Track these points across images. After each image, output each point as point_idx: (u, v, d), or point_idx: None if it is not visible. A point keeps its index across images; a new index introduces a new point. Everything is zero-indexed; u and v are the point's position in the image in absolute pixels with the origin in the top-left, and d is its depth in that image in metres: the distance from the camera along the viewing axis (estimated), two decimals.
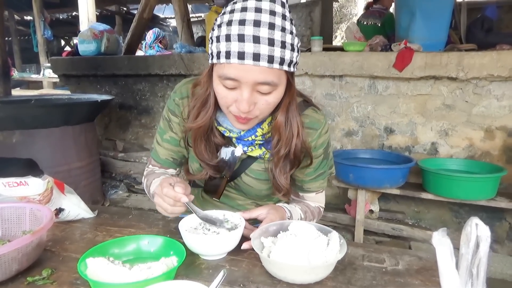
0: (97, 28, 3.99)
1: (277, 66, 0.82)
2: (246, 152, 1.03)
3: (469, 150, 2.67)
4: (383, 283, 0.80)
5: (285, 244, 0.82)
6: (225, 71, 0.83)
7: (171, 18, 10.74)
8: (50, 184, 0.99)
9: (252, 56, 0.80)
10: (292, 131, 0.96)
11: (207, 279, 0.79)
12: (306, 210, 1.12)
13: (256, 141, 1.01)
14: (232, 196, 1.17)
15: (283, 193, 1.05)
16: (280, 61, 0.82)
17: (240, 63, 0.80)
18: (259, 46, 0.79)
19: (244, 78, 0.82)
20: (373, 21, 4.27)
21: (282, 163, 1.01)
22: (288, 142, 0.96)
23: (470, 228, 0.52)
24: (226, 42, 0.81)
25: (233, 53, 0.80)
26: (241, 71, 0.81)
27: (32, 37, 8.93)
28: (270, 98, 0.87)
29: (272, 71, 0.82)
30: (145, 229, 1.05)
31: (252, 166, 1.07)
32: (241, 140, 1.02)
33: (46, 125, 2.74)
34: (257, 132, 0.99)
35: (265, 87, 0.84)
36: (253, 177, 1.08)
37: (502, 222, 2.65)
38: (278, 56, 0.81)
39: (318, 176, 1.12)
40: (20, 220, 0.93)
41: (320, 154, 1.08)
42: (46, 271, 0.81)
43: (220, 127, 1.00)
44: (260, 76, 0.82)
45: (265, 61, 0.80)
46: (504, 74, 2.40)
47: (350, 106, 2.93)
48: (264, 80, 0.83)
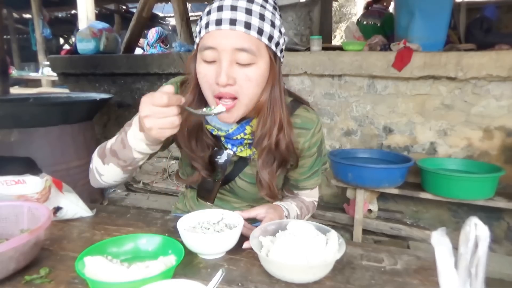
0: (96, 27, 3.98)
1: (255, 35, 0.84)
2: (235, 152, 1.02)
3: (468, 150, 2.68)
4: (381, 282, 0.80)
5: (284, 243, 0.82)
6: (204, 41, 0.85)
7: (170, 17, 10.73)
8: (48, 183, 0.98)
9: (228, 21, 0.82)
10: (274, 117, 0.93)
11: (205, 278, 0.78)
12: (302, 206, 1.13)
13: (245, 140, 1.00)
14: (227, 199, 1.16)
15: (266, 192, 1.01)
16: (258, 30, 0.84)
17: (217, 28, 0.83)
18: (236, 13, 0.82)
19: (221, 45, 0.83)
20: (372, 21, 4.27)
21: (266, 156, 0.97)
22: (271, 130, 0.93)
23: (469, 228, 0.52)
24: (207, 15, 0.86)
25: (211, 22, 0.84)
26: (219, 37, 0.83)
27: (31, 35, 8.91)
28: (250, 71, 0.86)
29: (250, 38, 0.83)
30: (143, 228, 1.05)
31: (245, 170, 1.07)
32: (230, 140, 1.00)
33: (45, 124, 2.73)
34: (246, 130, 0.98)
35: (243, 55, 0.83)
36: (247, 181, 1.08)
37: (500, 222, 2.66)
38: (255, 25, 0.83)
39: (313, 174, 1.12)
40: (17, 219, 0.93)
41: (314, 153, 1.08)
42: (44, 270, 0.81)
43: (208, 126, 1.00)
44: (237, 41, 0.83)
45: (242, 26, 0.82)
46: (503, 74, 2.40)
47: (349, 106, 2.93)
48: (241, 46, 0.83)
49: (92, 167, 0.99)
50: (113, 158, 0.91)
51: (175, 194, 3.44)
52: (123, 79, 3.85)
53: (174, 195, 3.45)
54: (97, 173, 0.98)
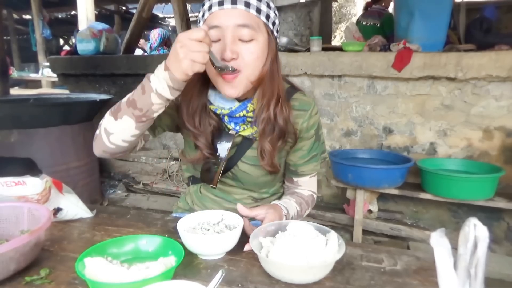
0: (96, 27, 3.99)
1: (254, 12, 0.93)
2: (238, 131, 1.05)
3: (468, 150, 2.68)
4: (381, 283, 0.80)
5: (284, 244, 0.82)
6: (209, 22, 0.93)
7: (170, 18, 10.73)
8: (48, 184, 0.99)
9: (230, 1, 0.91)
10: (272, 88, 1.00)
11: (205, 279, 0.79)
12: (301, 201, 1.15)
13: (247, 118, 1.04)
14: (229, 190, 1.17)
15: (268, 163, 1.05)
16: (256, 9, 0.93)
17: (220, 8, 0.91)
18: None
19: (225, 22, 0.91)
20: (372, 21, 4.28)
21: (266, 126, 1.01)
22: (269, 102, 1.00)
23: (468, 229, 0.52)
24: (209, 0, 0.94)
25: (214, 3, 0.92)
26: (222, 16, 0.91)
27: (31, 36, 8.91)
28: (252, 46, 0.93)
29: (250, 15, 0.92)
30: (143, 229, 1.05)
31: (247, 153, 1.09)
32: (233, 118, 1.04)
33: (45, 125, 2.74)
34: (248, 108, 1.02)
35: (245, 30, 0.91)
36: (249, 163, 1.10)
37: (500, 222, 2.66)
38: (254, 4, 0.93)
39: (311, 159, 1.16)
40: (18, 220, 0.93)
41: (312, 135, 1.13)
42: (44, 271, 0.81)
43: (211, 106, 1.04)
44: (239, 18, 0.91)
45: (242, 4, 0.91)
46: (503, 74, 2.40)
47: (349, 106, 2.93)
48: (243, 22, 0.91)
49: (99, 132, 0.97)
50: (129, 109, 0.91)
51: (175, 194, 3.44)
52: (123, 80, 3.85)
53: (174, 196, 3.46)
54: (105, 133, 0.95)
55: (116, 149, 0.97)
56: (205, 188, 1.20)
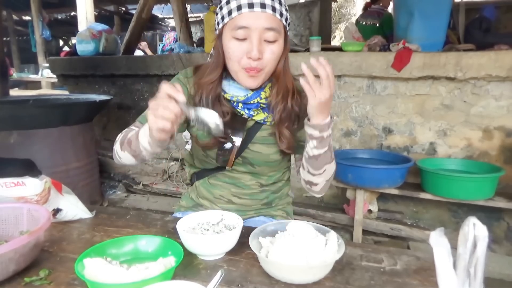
0: (96, 28, 3.99)
1: (278, 17, 1.00)
2: (252, 116, 1.12)
3: (468, 150, 2.68)
4: (381, 283, 0.80)
5: (283, 244, 0.82)
6: (237, 22, 0.98)
7: (169, 18, 10.73)
8: (48, 185, 0.99)
9: (259, 4, 0.97)
10: (287, 83, 1.09)
11: (205, 279, 0.78)
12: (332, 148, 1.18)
13: (260, 104, 1.11)
14: (238, 176, 1.20)
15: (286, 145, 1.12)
16: (280, 13, 1.00)
17: (250, 11, 0.97)
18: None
19: (254, 24, 0.98)
20: (371, 21, 4.28)
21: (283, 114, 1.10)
22: (285, 95, 1.09)
23: (468, 228, 0.52)
24: (236, 0, 0.98)
25: (244, 5, 0.97)
26: (251, 18, 0.98)
27: (31, 37, 8.89)
28: (274, 47, 1.01)
29: (275, 19, 0.99)
30: (143, 229, 1.05)
31: (257, 134, 1.14)
32: (246, 105, 1.10)
33: (44, 126, 2.73)
34: (261, 95, 1.10)
35: (271, 33, 0.99)
36: (260, 143, 1.15)
37: (500, 222, 2.66)
38: (278, 9, 1.00)
39: None
40: (17, 221, 0.93)
41: None
42: (44, 272, 0.81)
43: (226, 95, 1.10)
44: (267, 22, 0.98)
45: (270, 9, 0.98)
46: (502, 74, 2.40)
47: (348, 106, 2.93)
48: (270, 26, 0.98)
49: (114, 151, 1.09)
50: (128, 147, 1.02)
51: (175, 195, 3.44)
52: (122, 81, 3.85)
53: (174, 196, 3.45)
54: (117, 155, 1.07)
55: (130, 165, 1.10)
56: (214, 177, 1.23)
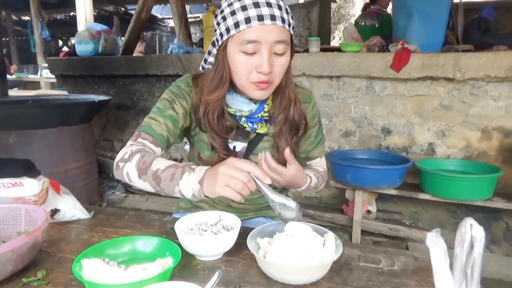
0: (95, 29, 3.99)
1: (287, 27, 0.96)
2: (255, 130, 1.10)
3: (466, 151, 2.68)
4: (378, 283, 0.80)
5: (281, 244, 0.82)
6: (246, 36, 0.94)
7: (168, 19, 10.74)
8: (46, 185, 0.98)
9: (269, 17, 0.93)
10: (289, 94, 1.07)
11: (202, 280, 0.78)
12: (318, 176, 1.22)
13: (264, 117, 1.10)
14: None
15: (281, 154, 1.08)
16: (288, 23, 0.97)
17: (260, 24, 0.93)
18: (273, 9, 0.93)
19: (265, 38, 0.93)
20: (370, 22, 4.28)
21: (282, 126, 1.09)
22: (287, 106, 1.07)
23: (465, 229, 0.52)
24: (243, 11, 0.93)
25: (253, 17, 0.93)
26: (261, 31, 0.93)
27: (30, 37, 8.88)
28: (283, 59, 0.99)
29: (285, 30, 0.96)
30: (141, 230, 1.05)
31: (259, 145, 1.14)
32: (250, 118, 1.09)
33: (43, 126, 2.73)
34: (265, 108, 1.09)
35: (281, 46, 0.96)
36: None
37: (499, 222, 2.66)
38: (286, 19, 0.96)
39: (319, 143, 1.26)
40: (15, 221, 0.93)
41: (316, 122, 1.23)
42: (41, 272, 0.81)
43: (230, 109, 1.08)
44: (277, 34, 0.94)
45: (280, 21, 0.94)
46: (501, 74, 2.41)
47: (347, 107, 2.93)
48: (280, 38, 0.95)
49: (122, 169, 0.98)
50: (153, 182, 0.93)
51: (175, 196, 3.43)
52: (122, 81, 3.85)
53: (173, 197, 3.43)
54: (126, 176, 0.98)
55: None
56: None
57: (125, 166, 0.98)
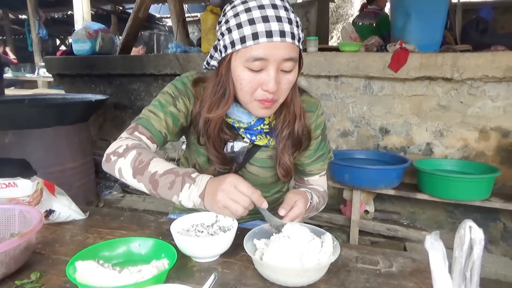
0: (92, 28, 3.97)
1: (296, 43, 0.91)
2: (254, 141, 1.07)
3: (464, 151, 2.68)
4: (376, 285, 0.79)
5: (278, 246, 0.81)
6: (253, 52, 0.87)
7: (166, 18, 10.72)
8: (40, 186, 0.97)
9: (279, 33, 0.86)
10: (295, 109, 1.02)
11: (198, 282, 0.78)
12: (318, 195, 1.16)
13: (264, 129, 1.06)
14: None
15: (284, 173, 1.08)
16: (297, 38, 0.91)
17: (269, 41, 0.86)
18: (283, 25, 0.87)
19: (273, 56, 0.87)
20: (368, 22, 4.28)
21: (286, 142, 1.05)
22: (292, 121, 1.02)
23: (464, 231, 0.51)
24: (251, 25, 0.87)
25: (261, 33, 0.86)
26: (270, 49, 0.87)
27: (27, 36, 8.86)
28: (291, 76, 0.93)
29: (294, 47, 0.90)
30: (137, 231, 1.04)
31: (256, 155, 1.10)
32: (249, 130, 1.05)
33: (40, 125, 2.72)
34: (265, 121, 1.05)
35: (289, 63, 0.90)
36: (258, 165, 1.11)
37: (496, 222, 2.66)
38: (296, 34, 0.90)
39: (318, 158, 1.17)
40: (9, 222, 0.92)
41: (318, 135, 1.15)
42: (35, 275, 0.80)
43: (229, 119, 1.04)
44: (286, 52, 0.88)
45: (290, 37, 0.88)
46: (499, 75, 2.41)
47: (345, 107, 2.93)
48: (289, 56, 0.89)
49: (115, 164, 0.94)
50: (150, 185, 0.90)
51: None
52: (119, 80, 3.83)
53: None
54: (118, 172, 0.94)
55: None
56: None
57: (118, 161, 0.93)
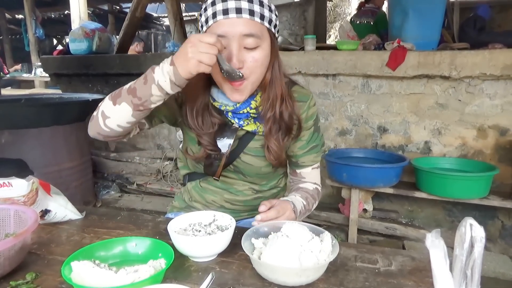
0: (89, 27, 3.95)
1: (258, 20, 0.92)
2: (242, 126, 1.07)
3: (462, 149, 2.68)
4: (375, 284, 0.79)
5: (276, 245, 0.80)
6: (213, 30, 0.92)
7: (164, 17, 10.69)
8: (35, 185, 0.96)
9: (235, 10, 0.90)
10: (276, 90, 1.02)
11: (196, 282, 0.77)
12: (307, 196, 1.15)
13: (250, 114, 1.05)
14: (231, 181, 1.18)
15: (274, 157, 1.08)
16: (260, 16, 0.92)
17: (225, 18, 0.90)
18: (240, 2, 0.90)
19: (230, 32, 0.91)
20: (365, 20, 4.28)
21: (272, 125, 1.05)
22: (274, 103, 1.03)
23: (465, 229, 0.51)
24: (212, 6, 0.92)
25: (219, 12, 0.91)
26: (227, 25, 0.91)
27: (24, 36, 8.81)
28: (256, 54, 0.94)
29: (254, 24, 0.92)
30: (134, 231, 1.03)
31: (249, 144, 1.10)
32: (236, 114, 1.05)
33: (36, 125, 2.70)
34: (251, 104, 1.04)
35: (250, 39, 0.92)
36: (251, 154, 1.11)
37: (494, 220, 2.66)
38: (258, 12, 0.92)
39: (311, 150, 1.17)
40: (4, 222, 0.91)
41: (310, 125, 1.15)
42: (30, 275, 0.79)
43: (215, 103, 1.05)
44: (245, 28, 0.91)
45: (247, 13, 0.90)
46: (496, 73, 2.41)
47: (343, 105, 2.92)
48: (248, 32, 0.91)
49: (96, 113, 0.99)
50: (129, 96, 0.92)
51: (169, 195, 3.42)
52: (116, 79, 3.82)
53: (168, 196, 3.43)
54: (101, 116, 0.97)
55: (110, 133, 0.99)
56: (206, 181, 1.21)
57: (98, 109, 0.99)
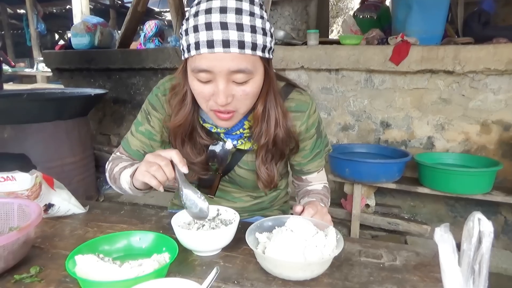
0: (90, 21, 3.94)
1: (249, 52, 0.79)
2: (236, 146, 1.01)
3: (465, 144, 2.66)
4: (380, 279, 0.78)
5: (281, 239, 0.80)
6: (197, 63, 0.81)
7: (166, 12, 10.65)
8: (39, 179, 0.96)
9: (221, 43, 0.77)
10: (270, 121, 0.94)
11: (200, 276, 0.77)
12: (321, 197, 1.11)
13: (244, 134, 0.99)
14: (228, 190, 1.16)
15: (262, 184, 1.03)
16: (252, 46, 0.79)
17: (210, 52, 0.78)
18: (228, 32, 0.77)
19: (216, 68, 0.79)
20: (368, 14, 4.24)
21: (264, 154, 0.99)
22: (267, 132, 0.94)
23: (473, 224, 0.50)
24: (195, 33, 0.79)
25: (202, 43, 0.78)
26: (212, 60, 0.79)
27: (25, 31, 8.81)
28: (248, 88, 0.84)
29: (245, 57, 0.79)
30: (137, 225, 1.03)
31: (243, 158, 1.06)
32: (229, 135, 1.00)
33: (39, 120, 2.70)
34: (245, 125, 0.98)
35: (240, 75, 0.81)
36: (246, 168, 1.07)
37: (497, 216, 2.65)
38: (249, 41, 0.78)
39: (315, 156, 1.12)
40: (8, 216, 0.91)
41: (313, 134, 1.08)
42: (34, 269, 0.79)
43: (206, 124, 0.98)
44: (233, 63, 0.79)
45: (236, 47, 0.77)
46: (501, 67, 2.39)
47: (346, 100, 2.91)
48: (237, 68, 0.79)
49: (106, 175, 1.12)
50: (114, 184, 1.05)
51: (172, 189, 3.39)
52: (118, 74, 3.81)
53: (171, 191, 3.41)
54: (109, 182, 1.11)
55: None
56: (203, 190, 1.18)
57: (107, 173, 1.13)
